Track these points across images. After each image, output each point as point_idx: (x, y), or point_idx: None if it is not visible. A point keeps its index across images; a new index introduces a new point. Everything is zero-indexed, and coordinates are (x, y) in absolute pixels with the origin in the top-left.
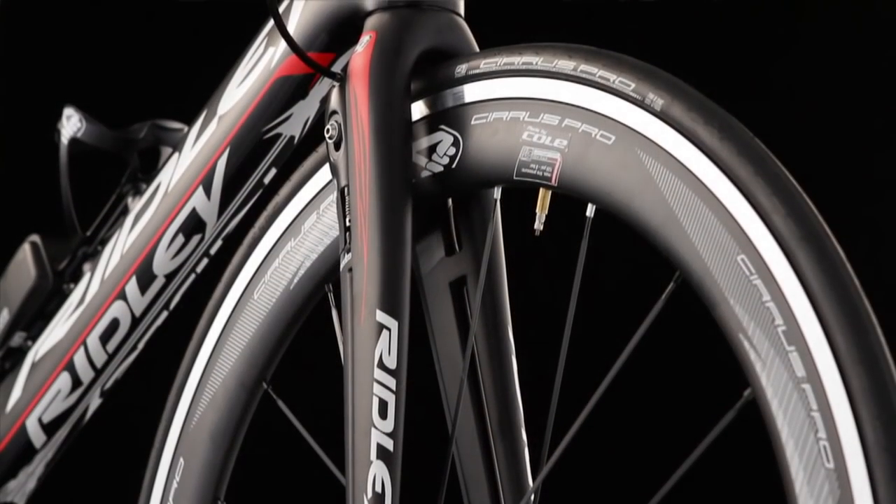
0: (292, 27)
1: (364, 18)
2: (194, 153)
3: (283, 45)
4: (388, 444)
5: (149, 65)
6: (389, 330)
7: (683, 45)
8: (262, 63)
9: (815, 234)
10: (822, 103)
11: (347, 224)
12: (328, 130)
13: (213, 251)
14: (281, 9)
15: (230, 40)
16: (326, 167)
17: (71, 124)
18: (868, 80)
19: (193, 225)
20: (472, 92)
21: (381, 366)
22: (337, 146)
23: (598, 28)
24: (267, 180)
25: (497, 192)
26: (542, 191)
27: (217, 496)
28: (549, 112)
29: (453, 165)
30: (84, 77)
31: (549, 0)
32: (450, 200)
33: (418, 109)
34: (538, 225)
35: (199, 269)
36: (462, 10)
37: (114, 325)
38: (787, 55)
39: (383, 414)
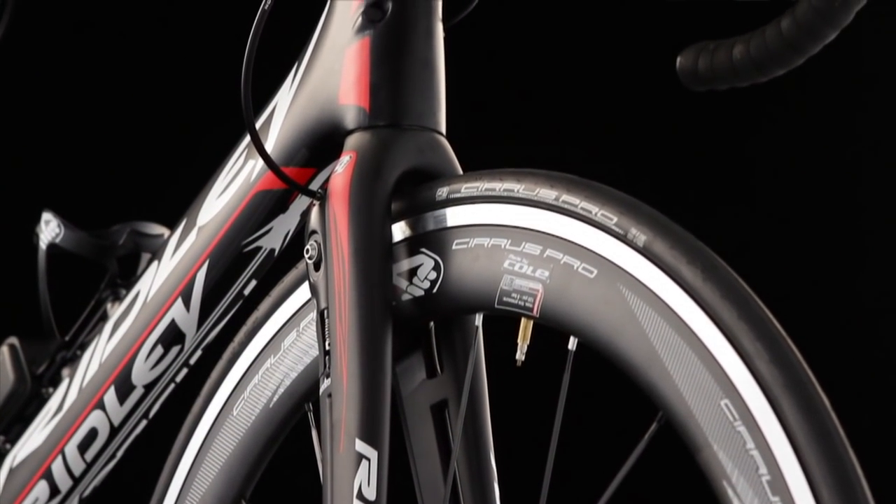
0: (271, 142)
1: (345, 136)
2: (173, 264)
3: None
4: None
5: (127, 163)
6: (369, 460)
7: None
8: (241, 176)
9: (799, 381)
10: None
11: (327, 348)
12: (308, 251)
13: (192, 361)
14: (259, 123)
15: (209, 137)
16: (306, 285)
17: (49, 229)
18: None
19: (172, 336)
20: (453, 216)
21: (361, 497)
22: (317, 267)
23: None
24: (247, 292)
25: (478, 319)
26: (523, 321)
27: None
28: (531, 241)
29: (434, 290)
30: (63, 175)
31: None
32: (432, 323)
33: (399, 230)
34: (520, 355)
35: (178, 378)
36: (443, 129)
37: (92, 434)
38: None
39: None
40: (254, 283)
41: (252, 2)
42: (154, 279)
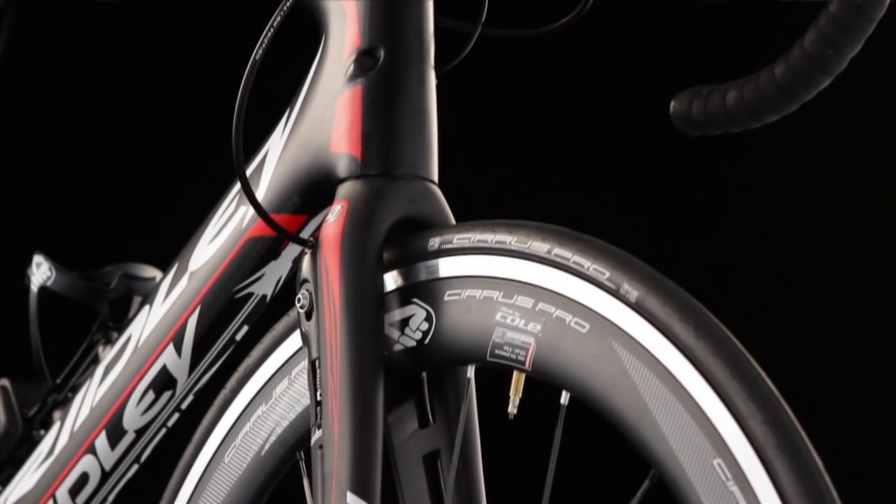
0: (263, 189)
1: (336, 184)
2: (165, 309)
3: None
4: None
5: (119, 204)
6: None
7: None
8: (233, 222)
9: (792, 442)
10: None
11: (318, 399)
12: (299, 300)
13: (184, 406)
14: (251, 169)
15: (202, 177)
16: (298, 332)
17: (41, 272)
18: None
19: (164, 381)
20: (445, 267)
21: None
22: (308, 316)
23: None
24: (239, 337)
25: (470, 371)
26: (515, 373)
27: None
28: (523, 294)
29: (426, 341)
30: (55, 215)
31: None
32: (424, 373)
33: (391, 280)
34: (512, 408)
35: (170, 423)
36: (436, 177)
37: (83, 478)
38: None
39: None
40: (246, 328)
41: (245, 46)
42: (146, 324)
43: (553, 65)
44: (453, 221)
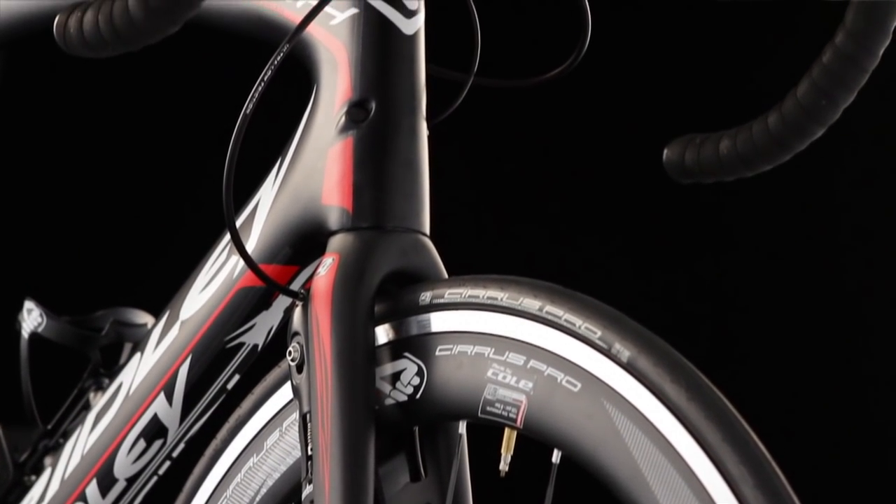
0: (254, 239)
1: (328, 237)
2: (156, 357)
3: None
4: None
5: (110, 247)
6: None
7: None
8: (223, 272)
9: None
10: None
11: (309, 453)
12: (290, 353)
13: (175, 454)
14: (241, 219)
15: (193, 221)
16: (289, 384)
17: (32, 319)
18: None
19: (155, 430)
20: (436, 322)
21: None
22: (299, 369)
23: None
24: (230, 386)
25: (462, 427)
26: (507, 431)
27: None
28: (515, 351)
29: (418, 396)
30: (46, 259)
31: None
32: (416, 427)
33: (383, 333)
34: (503, 466)
35: (161, 471)
36: (427, 230)
37: None
38: None
39: None
40: (237, 377)
41: (237, 95)
42: (137, 372)
43: (545, 112)
44: (445, 274)
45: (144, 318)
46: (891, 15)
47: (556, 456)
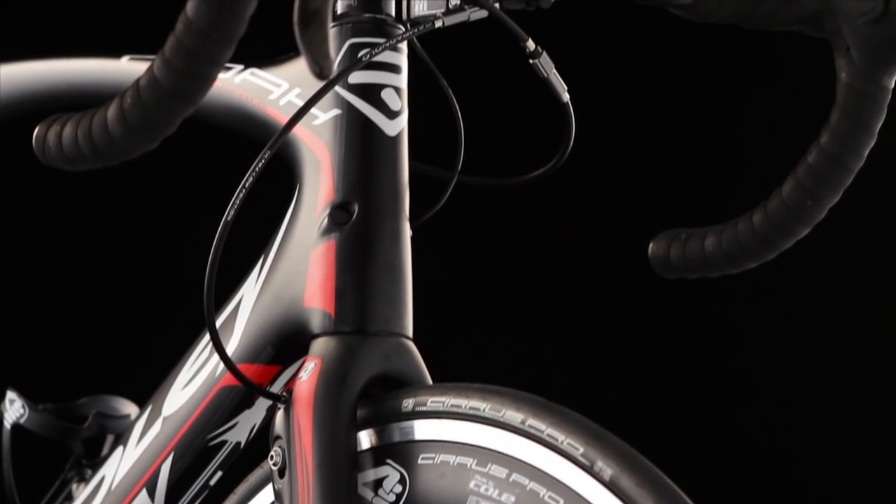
0: (236, 338)
1: (310, 339)
2: (138, 453)
3: None
4: None
5: (95, 335)
6: None
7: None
8: (206, 370)
9: None
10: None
11: None
12: (272, 457)
13: None
14: (223, 318)
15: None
16: (270, 486)
17: (14, 409)
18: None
19: None
20: (419, 429)
21: None
22: (281, 474)
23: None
24: (213, 482)
25: None
26: None
27: None
28: (497, 463)
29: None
30: (29, 346)
31: None
32: None
33: (366, 438)
34: None
35: None
36: (410, 333)
37: None
38: None
39: None
40: (220, 473)
41: (219, 199)
42: (119, 466)
43: (529, 211)
44: (428, 378)
45: (128, 407)
46: (875, 116)
47: None
